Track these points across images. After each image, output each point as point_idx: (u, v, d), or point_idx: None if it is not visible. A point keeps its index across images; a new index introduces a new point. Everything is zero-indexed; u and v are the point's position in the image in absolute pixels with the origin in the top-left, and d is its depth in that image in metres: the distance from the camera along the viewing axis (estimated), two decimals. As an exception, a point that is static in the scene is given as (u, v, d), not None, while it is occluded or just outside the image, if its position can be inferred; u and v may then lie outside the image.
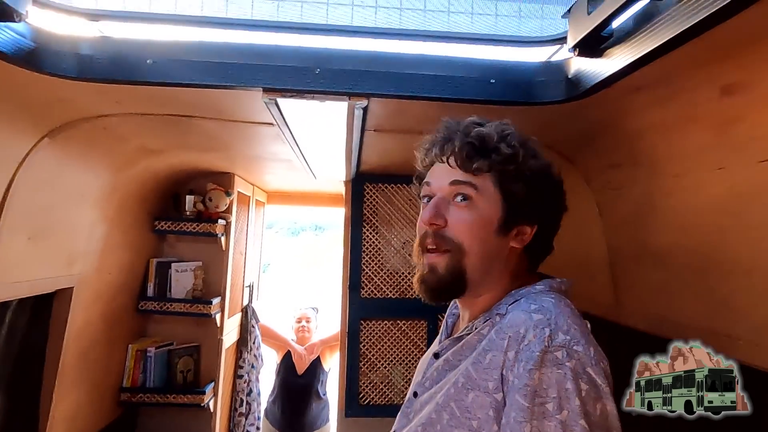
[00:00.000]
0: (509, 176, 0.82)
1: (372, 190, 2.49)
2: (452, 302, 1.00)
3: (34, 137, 1.33)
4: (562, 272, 0.90)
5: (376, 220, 2.49)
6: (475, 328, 0.81)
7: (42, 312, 1.70)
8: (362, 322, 2.45)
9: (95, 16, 1.16)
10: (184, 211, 2.42)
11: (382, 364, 2.45)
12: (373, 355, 2.45)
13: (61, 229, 1.61)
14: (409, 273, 2.49)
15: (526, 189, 0.82)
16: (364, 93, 1.13)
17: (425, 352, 2.42)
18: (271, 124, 1.43)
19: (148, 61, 1.07)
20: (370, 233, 2.49)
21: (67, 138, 1.42)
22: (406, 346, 2.47)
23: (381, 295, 2.47)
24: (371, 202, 2.50)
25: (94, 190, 1.73)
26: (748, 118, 0.90)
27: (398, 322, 2.46)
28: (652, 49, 0.83)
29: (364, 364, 2.44)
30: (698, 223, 1.15)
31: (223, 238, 2.52)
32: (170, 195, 2.48)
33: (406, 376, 2.46)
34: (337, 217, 2.50)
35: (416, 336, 2.47)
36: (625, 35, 0.92)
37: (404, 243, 2.50)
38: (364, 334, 2.45)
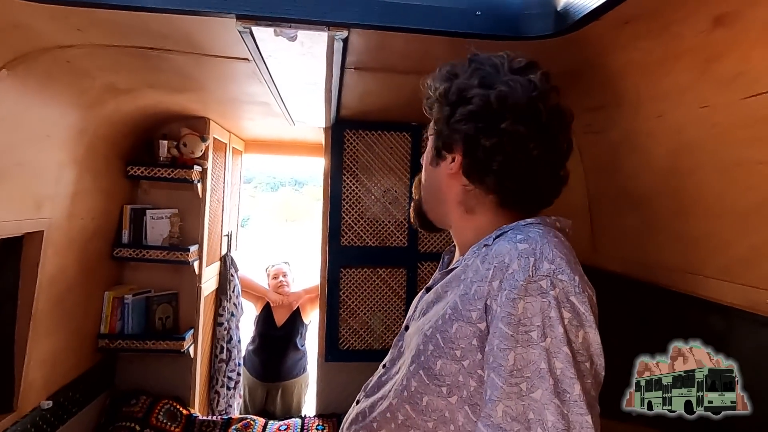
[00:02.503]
0: (434, 109, 0.86)
1: (352, 137, 2.45)
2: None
3: (-10, 68, 1.24)
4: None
5: (357, 168, 2.46)
6: (464, 261, 0.81)
7: (11, 256, 1.66)
8: (342, 269, 2.46)
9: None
10: (158, 157, 2.34)
11: (362, 311, 2.48)
12: (353, 302, 2.47)
13: (26, 169, 1.54)
14: (389, 221, 2.48)
15: (439, 113, 0.85)
16: (344, 23, 1.08)
17: (405, 299, 2.45)
18: (247, 59, 1.36)
19: (110, -19, 0.99)
20: (351, 181, 2.46)
21: (28, 71, 1.34)
22: (386, 293, 2.50)
23: (361, 243, 2.47)
24: (351, 150, 2.46)
25: (60, 130, 1.65)
26: (736, 52, 0.88)
27: (378, 270, 2.48)
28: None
29: (344, 311, 2.47)
30: (677, 165, 1.15)
31: (199, 185, 2.46)
32: (143, 140, 2.38)
33: (386, 322, 2.50)
34: (316, 172, 2.46)
35: (396, 284, 2.50)
36: (618, -39, 0.88)
37: (384, 191, 2.48)
38: (344, 281, 2.47)
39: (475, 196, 0.83)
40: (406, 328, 0.90)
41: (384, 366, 0.90)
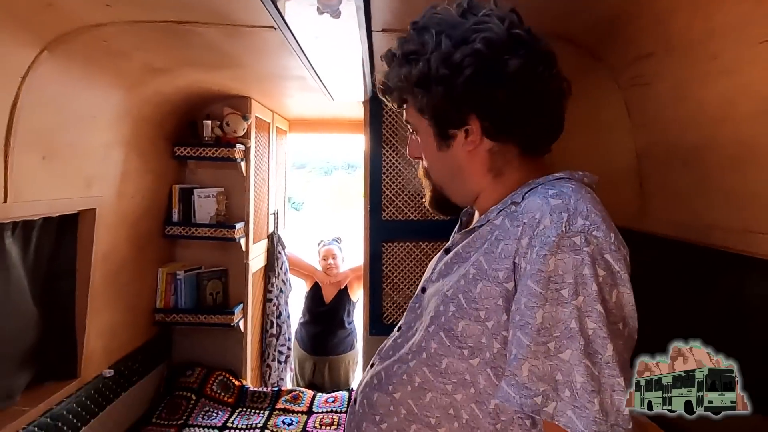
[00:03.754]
0: (412, 95, 0.80)
1: (391, 109, 2.40)
2: None
3: (32, 50, 1.30)
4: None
5: (396, 141, 2.42)
6: (488, 220, 0.77)
7: (68, 233, 1.75)
8: (384, 244, 2.44)
9: None
10: (202, 137, 2.41)
11: (405, 285, 2.46)
12: (395, 277, 2.46)
13: (74, 149, 1.62)
14: (430, 194, 2.43)
15: (429, 96, 0.76)
16: (361, -23, 1.04)
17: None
18: (273, 27, 1.35)
19: (127, -49, 1.00)
20: (390, 155, 2.43)
21: (68, 52, 1.39)
22: (429, 267, 2.46)
23: (402, 217, 2.44)
24: (390, 123, 2.42)
25: (104, 111, 1.72)
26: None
27: (420, 243, 2.45)
28: None
29: (387, 285, 2.46)
30: (732, 113, 1.03)
31: (243, 164, 2.51)
32: (188, 121, 2.46)
33: (429, 296, 2.47)
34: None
35: (439, 257, 2.45)
36: None
37: (425, 164, 2.43)
38: (387, 255, 2.45)
39: (501, 155, 0.79)
40: (423, 290, 0.86)
41: (399, 329, 0.87)
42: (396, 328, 0.88)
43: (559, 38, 1.41)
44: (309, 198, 19.60)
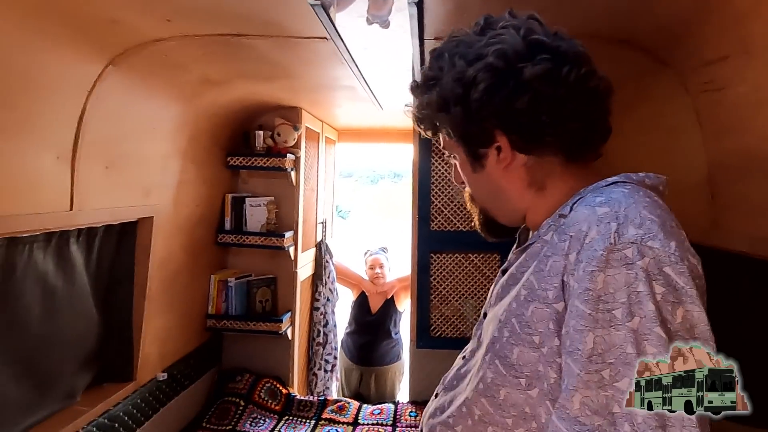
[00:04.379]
0: (439, 121, 0.78)
1: (440, 118, 2.38)
2: None
3: (99, 64, 1.36)
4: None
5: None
6: (539, 236, 0.72)
7: (126, 240, 1.82)
8: (432, 255, 2.40)
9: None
10: (254, 147, 2.46)
11: (454, 298, 2.41)
12: (444, 288, 2.41)
13: (135, 159, 1.68)
14: (480, 205, 2.38)
15: (450, 118, 0.74)
16: (415, -15, 1.02)
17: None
18: (325, 38, 1.36)
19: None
20: (440, 164, 2.40)
21: (131, 66, 1.45)
22: (478, 279, 2.40)
23: (451, 227, 2.40)
24: (440, 132, 2.39)
25: (163, 122, 1.78)
26: None
27: (470, 255, 2.40)
28: None
29: (434, 297, 2.42)
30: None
31: (293, 173, 2.55)
32: (240, 132, 2.52)
33: (478, 309, 2.40)
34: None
35: (488, 269, 2.39)
36: None
37: (475, 173, 2.38)
38: (435, 267, 2.41)
39: (540, 167, 0.74)
40: (485, 315, 0.82)
41: (464, 357, 0.83)
42: (460, 356, 0.84)
43: (620, 42, 1.35)
44: (355, 206, 19.78)
